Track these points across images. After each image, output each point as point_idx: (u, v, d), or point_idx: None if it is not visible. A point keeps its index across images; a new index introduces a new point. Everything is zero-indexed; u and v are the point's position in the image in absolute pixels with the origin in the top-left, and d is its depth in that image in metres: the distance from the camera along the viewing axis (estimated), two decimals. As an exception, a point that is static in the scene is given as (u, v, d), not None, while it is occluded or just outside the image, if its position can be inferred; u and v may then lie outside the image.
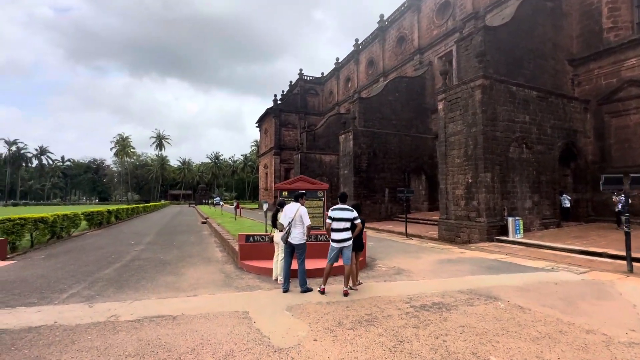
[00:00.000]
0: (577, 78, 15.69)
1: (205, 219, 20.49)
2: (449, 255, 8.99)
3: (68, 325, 3.73)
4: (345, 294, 4.89)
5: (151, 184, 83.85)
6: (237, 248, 7.76)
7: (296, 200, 5.31)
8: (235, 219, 18.60)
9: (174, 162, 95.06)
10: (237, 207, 20.68)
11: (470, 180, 12.30)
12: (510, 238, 11.28)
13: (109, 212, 19.50)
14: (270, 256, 6.82)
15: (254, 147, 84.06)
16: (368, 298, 4.79)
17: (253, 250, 6.93)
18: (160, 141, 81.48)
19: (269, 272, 6.23)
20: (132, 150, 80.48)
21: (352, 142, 21.52)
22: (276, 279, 5.81)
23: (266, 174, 45.29)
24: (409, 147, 23.50)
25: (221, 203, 53.74)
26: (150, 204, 45.43)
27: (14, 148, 76.60)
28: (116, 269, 6.88)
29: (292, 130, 43.36)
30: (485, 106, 11.95)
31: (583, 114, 15.13)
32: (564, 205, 14.42)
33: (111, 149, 78.29)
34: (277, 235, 5.67)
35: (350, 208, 5.05)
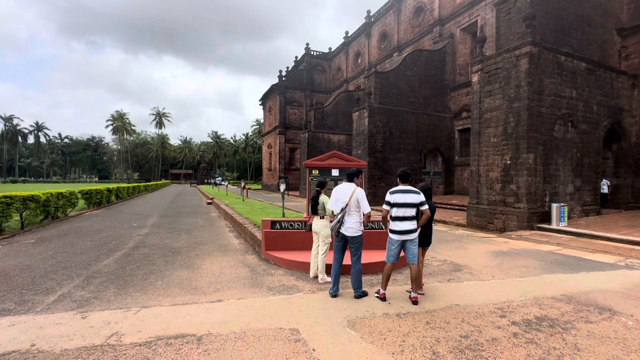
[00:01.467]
0: (625, 50, 14.11)
1: (211, 199, 19.39)
2: (496, 245, 7.90)
3: (50, 352, 2.61)
4: (415, 302, 3.78)
5: (151, 162, 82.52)
6: (258, 235, 6.63)
7: (350, 180, 4.09)
8: (243, 200, 17.49)
9: (174, 141, 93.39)
10: (244, 187, 19.53)
11: (508, 162, 11.06)
12: (554, 226, 10.18)
13: (109, 190, 18.37)
14: (301, 246, 5.72)
15: (255, 127, 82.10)
16: (445, 308, 3.68)
17: (280, 239, 5.80)
18: (160, 119, 79.44)
19: (302, 266, 5.11)
20: (132, 128, 78.60)
21: (367, 119, 20.09)
22: (315, 277, 4.70)
23: (270, 153, 43.92)
24: (426, 127, 22.10)
25: (223, 183, 52.75)
26: (152, 182, 44.35)
27: (9, 124, 74.68)
28: (117, 259, 5.76)
29: (298, 108, 41.59)
30: (531, 77, 10.53)
31: (630, 91, 13.67)
32: (602, 191, 13.24)
33: (107, 127, 76.34)
34: (318, 223, 4.52)
35: (416, 190, 3.86)
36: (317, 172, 6.47)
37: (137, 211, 14.63)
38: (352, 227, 3.93)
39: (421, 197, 3.82)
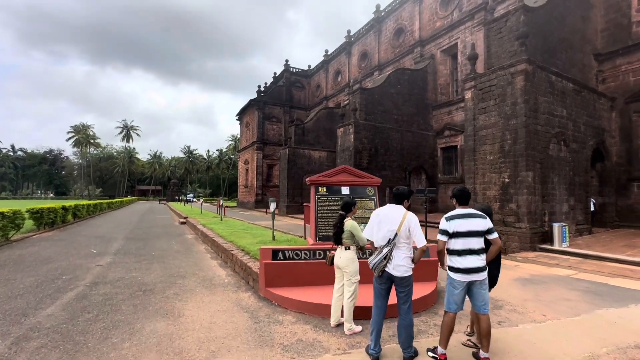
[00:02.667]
0: (601, 74, 14.72)
1: (185, 218, 17.66)
2: (510, 271, 7.24)
3: None
4: (487, 366, 2.84)
5: (117, 178, 77.28)
6: (252, 265, 5.47)
7: (399, 202, 3.13)
8: (221, 220, 15.99)
9: (142, 156, 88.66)
10: (221, 205, 18.03)
11: (507, 180, 10.72)
12: (557, 247, 9.79)
13: (65, 208, 16.16)
14: (310, 280, 4.65)
15: (230, 143, 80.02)
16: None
17: (285, 272, 4.69)
18: (128, 132, 75.26)
19: (317, 310, 4.04)
20: (96, 140, 73.65)
21: (352, 135, 19.57)
22: (338, 325, 3.64)
23: (247, 170, 42.35)
24: (410, 144, 21.97)
25: (196, 199, 49.97)
26: (116, 199, 40.95)
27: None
28: (67, 305, 4.33)
29: (276, 124, 40.77)
30: (527, 95, 10.40)
31: (609, 112, 14.15)
32: (593, 209, 13.30)
33: (68, 140, 71.00)
34: (342, 257, 3.53)
35: (481, 213, 3.01)
36: (325, 189, 5.51)
37: (99, 233, 12.74)
38: (403, 265, 2.96)
39: (489, 223, 2.96)
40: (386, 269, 2.97)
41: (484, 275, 2.90)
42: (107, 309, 4.16)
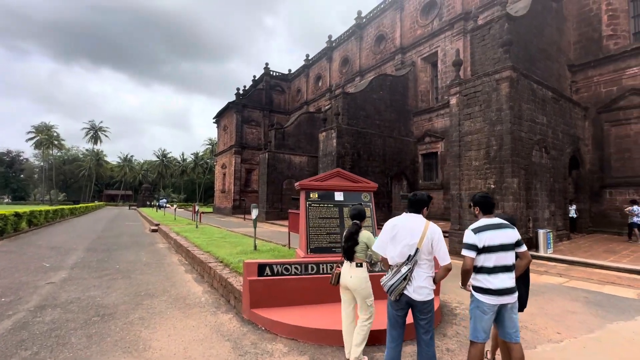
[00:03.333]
0: (575, 85, 15.27)
1: (157, 225, 16.45)
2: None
3: None
4: (520, 403, 2.39)
5: (82, 182, 72.59)
6: (233, 281, 4.81)
7: (417, 210, 2.65)
8: (196, 227, 14.99)
9: (111, 159, 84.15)
10: (197, 211, 16.98)
11: (492, 186, 10.66)
12: (542, 253, 9.78)
13: (18, 215, 14.54)
14: (302, 299, 4.08)
15: (207, 147, 77.69)
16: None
17: (273, 290, 4.09)
18: (96, 133, 71.16)
19: (313, 336, 3.46)
20: (60, 142, 68.94)
21: (335, 140, 19.20)
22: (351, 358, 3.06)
23: (224, 174, 40.96)
24: (392, 150, 21.93)
25: (169, 205, 47.74)
26: (81, 205, 38.19)
27: None
28: (1, 338, 3.49)
29: (256, 128, 39.85)
30: (512, 102, 10.43)
31: (583, 121, 14.65)
32: (571, 216, 13.58)
33: (28, 140, 66.03)
34: (354, 275, 2.98)
35: (509, 224, 2.60)
36: (317, 195, 4.97)
37: (56, 243, 11.42)
38: (425, 287, 2.47)
39: (517, 234, 2.55)
40: (405, 292, 2.46)
41: (516, 296, 2.47)
42: (52, 342, 3.35)
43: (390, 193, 21.75)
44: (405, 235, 2.52)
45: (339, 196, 5.03)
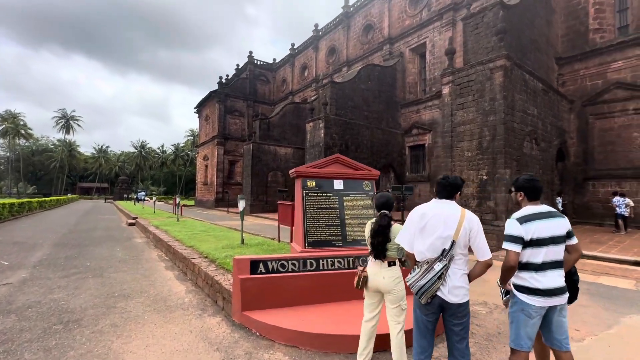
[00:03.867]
0: (561, 77, 15.39)
1: (134, 219, 15.51)
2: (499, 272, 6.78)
3: None
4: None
5: (54, 174, 68.78)
6: (220, 279, 4.30)
7: (449, 196, 2.25)
8: (177, 220, 14.21)
9: (85, 150, 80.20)
10: (178, 204, 16.13)
11: (485, 177, 10.53)
12: (533, 245, 9.74)
13: (-22, 208, 13.27)
14: (302, 299, 3.64)
15: (189, 138, 75.30)
16: None
17: (268, 289, 3.61)
18: (67, 123, 67.32)
19: (317, 342, 3.03)
20: (28, 131, 64.76)
21: (323, 131, 18.71)
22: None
23: (206, 166, 39.67)
24: (379, 142, 21.67)
25: (147, 198, 45.91)
26: (52, 198, 36.02)
27: None
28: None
29: (239, 118, 38.67)
30: (506, 91, 10.27)
31: (569, 114, 14.81)
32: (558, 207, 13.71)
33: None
34: (387, 275, 2.52)
35: (559, 212, 2.23)
36: (314, 183, 4.51)
37: (20, 238, 10.43)
38: (461, 287, 2.07)
39: (568, 224, 2.18)
40: (438, 293, 2.05)
41: (566, 297, 2.11)
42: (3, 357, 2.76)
43: (378, 185, 21.54)
44: (438, 225, 2.10)
45: (338, 184, 4.58)
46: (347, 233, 4.38)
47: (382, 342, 2.83)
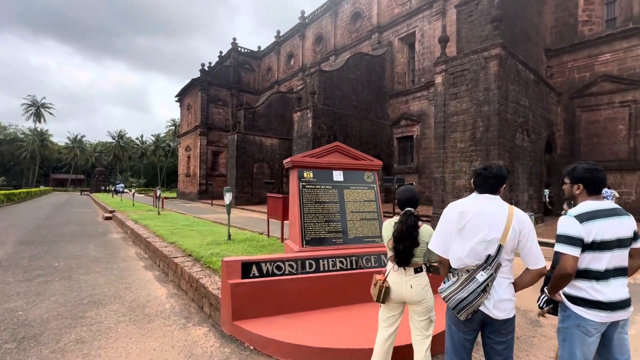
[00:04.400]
0: (549, 70, 15.40)
1: (111, 212, 14.61)
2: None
3: None
4: None
5: (24, 164, 65.05)
6: (209, 284, 3.82)
7: (493, 190, 1.87)
8: (158, 214, 13.46)
9: (59, 140, 76.20)
10: (159, 196, 15.30)
11: (478, 169, 10.35)
12: (524, 237, 9.70)
13: None
14: (302, 305, 3.24)
15: (170, 128, 72.76)
16: None
17: (262, 294, 3.17)
18: (38, 111, 63.53)
19: (324, 357, 2.63)
20: (-8, 119, 60.64)
21: (311, 121, 18.18)
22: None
23: (188, 157, 38.36)
24: (368, 133, 21.36)
25: (126, 190, 44.12)
26: (22, 190, 33.91)
27: None
28: None
29: (223, 108, 37.42)
30: (500, 81, 10.05)
31: (556, 106, 14.89)
32: (545, 200, 13.86)
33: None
34: (414, 284, 2.14)
35: (623, 209, 1.88)
36: (312, 174, 4.06)
37: (-19, 235, 9.48)
38: (509, 300, 1.72)
39: (634, 224, 1.84)
40: (481, 308, 1.68)
41: (631, 310, 1.79)
42: None
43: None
44: (481, 226, 1.72)
45: (338, 175, 4.15)
46: (349, 229, 3.97)
47: (398, 357, 2.45)
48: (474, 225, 1.73)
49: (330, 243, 3.85)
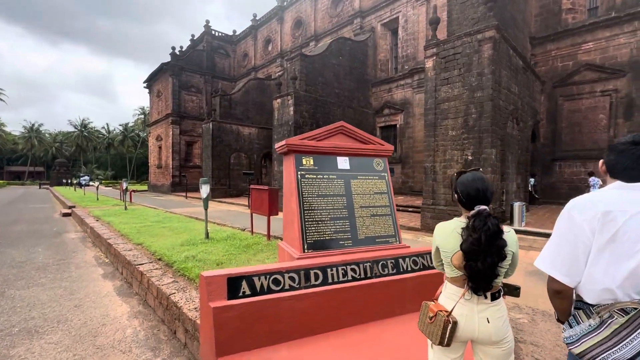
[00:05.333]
0: (534, 58, 15.31)
1: (71, 207, 13.08)
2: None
3: None
4: None
5: (-28, 156, 59.12)
6: (183, 304, 2.99)
7: None
8: (125, 208, 12.17)
9: (14, 129, 69.80)
10: (126, 189, 13.88)
11: (470, 157, 9.98)
12: (517, 227, 9.48)
13: None
14: (307, 329, 2.49)
15: (139, 117, 68.65)
16: None
17: (257, 319, 2.39)
18: (-14, 96, 57.54)
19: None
20: None
21: (292, 108, 17.20)
22: None
23: (160, 147, 36.12)
24: (351, 122, 20.53)
25: (92, 183, 41.19)
26: (-33, 184, 30.50)
27: None
28: None
29: (196, 95, 35.37)
30: (494, 66, 9.62)
31: (540, 95, 14.86)
32: (530, 189, 13.83)
33: None
34: (496, 317, 1.43)
35: None
36: (312, 161, 3.29)
37: None
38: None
39: None
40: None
41: None
42: None
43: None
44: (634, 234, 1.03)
45: (343, 163, 3.40)
46: (358, 228, 3.26)
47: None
48: (634, 233, 1.05)
49: (338, 246, 3.12)
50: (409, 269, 3.09)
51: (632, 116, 12.71)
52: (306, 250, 2.97)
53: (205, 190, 6.02)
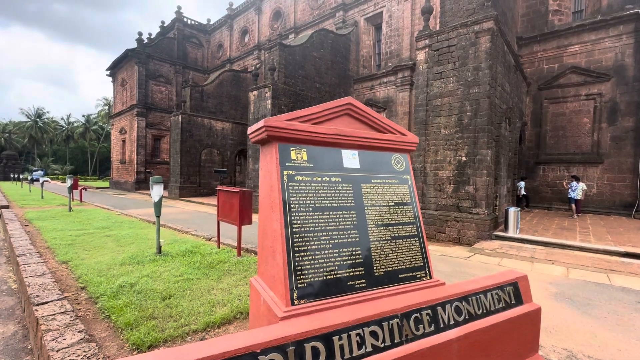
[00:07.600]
0: (520, 59, 14.99)
1: (2, 208, 10.99)
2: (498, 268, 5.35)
3: None
4: None
5: None
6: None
7: None
8: (70, 209, 10.34)
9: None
10: (75, 186, 11.92)
11: (464, 159, 9.22)
12: (512, 234, 8.84)
13: None
14: None
15: (102, 108, 63.81)
16: None
17: None
18: None
19: None
20: None
21: (270, 101, 15.89)
22: None
23: (123, 141, 33.31)
24: (332, 119, 19.61)
25: (48, 179, 37.40)
26: None
27: None
28: None
29: (165, 86, 32.95)
30: (491, 60, 8.91)
31: (526, 97, 14.56)
32: (519, 193, 13.36)
33: None
34: None
35: None
36: (305, 153, 2.10)
37: None
38: None
39: None
40: None
41: None
42: None
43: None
44: None
45: (350, 158, 2.26)
46: (374, 259, 2.13)
47: None
48: None
49: (347, 289, 1.97)
50: (452, 322, 2.01)
51: (616, 121, 12.63)
52: (296, 302, 1.80)
53: (157, 191, 4.67)
